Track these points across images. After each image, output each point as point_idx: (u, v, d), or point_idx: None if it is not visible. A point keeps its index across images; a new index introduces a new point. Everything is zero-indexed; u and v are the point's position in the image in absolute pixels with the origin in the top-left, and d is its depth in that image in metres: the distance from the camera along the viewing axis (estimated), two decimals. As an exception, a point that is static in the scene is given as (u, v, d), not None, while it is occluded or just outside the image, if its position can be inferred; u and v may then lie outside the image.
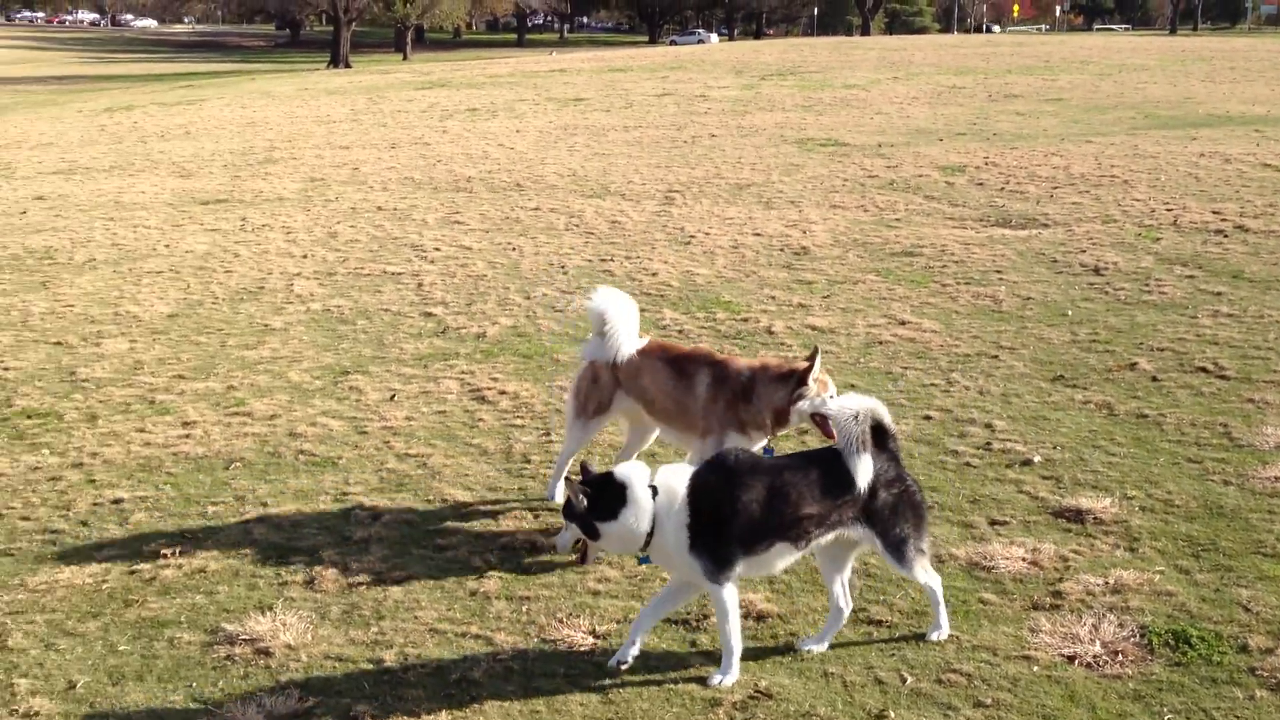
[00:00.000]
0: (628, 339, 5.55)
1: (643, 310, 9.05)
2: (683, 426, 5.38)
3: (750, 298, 9.50)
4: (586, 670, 4.24)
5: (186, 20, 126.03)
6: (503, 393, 7.31)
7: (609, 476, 4.19)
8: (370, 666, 4.31)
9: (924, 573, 4.35)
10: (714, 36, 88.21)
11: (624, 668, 4.23)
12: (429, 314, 9.21)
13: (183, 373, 7.93)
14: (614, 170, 16.33)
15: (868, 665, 4.24)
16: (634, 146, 18.82)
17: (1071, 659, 4.25)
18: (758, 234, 11.91)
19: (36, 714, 4.05)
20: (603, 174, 16.00)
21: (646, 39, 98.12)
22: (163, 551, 5.24)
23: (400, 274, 10.54)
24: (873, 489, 4.18)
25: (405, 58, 68.90)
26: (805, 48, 48.91)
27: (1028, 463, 6.04)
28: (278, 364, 8.06)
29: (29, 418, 7.10)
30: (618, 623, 4.56)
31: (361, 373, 7.81)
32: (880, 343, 8.18)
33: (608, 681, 4.16)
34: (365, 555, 5.18)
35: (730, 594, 4.16)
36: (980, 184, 14.34)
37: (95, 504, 5.79)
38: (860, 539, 4.28)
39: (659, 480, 4.20)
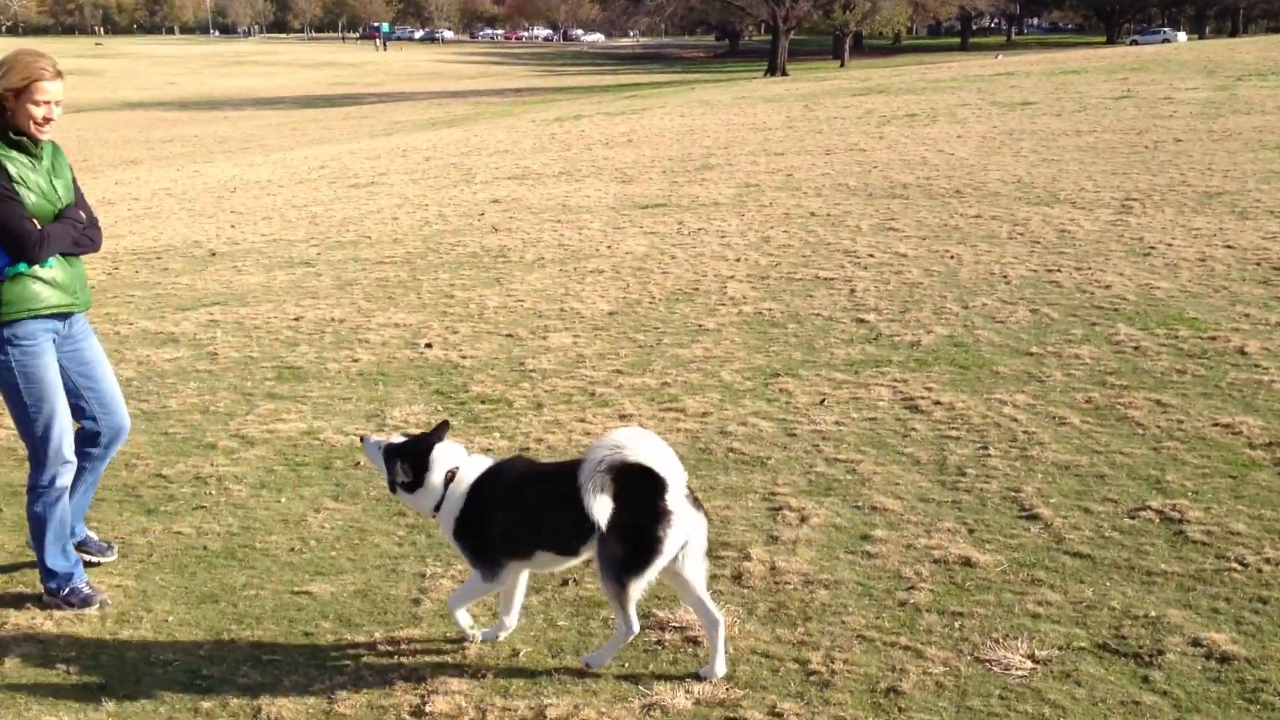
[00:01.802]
0: None
1: (1093, 324, 8.62)
2: None
3: (1219, 315, 8.73)
4: (1024, 695, 3.99)
5: (632, 34, 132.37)
6: (937, 403, 7.09)
7: (428, 453, 4.40)
8: (796, 666, 4.26)
9: (618, 600, 4.15)
10: (1181, 35, 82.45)
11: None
12: (861, 320, 9.09)
13: (621, 368, 8.22)
14: (1064, 177, 15.55)
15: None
16: (1086, 152, 17.86)
17: None
18: (1229, 246, 10.95)
19: (483, 676, 4.29)
20: (1051, 180, 15.27)
21: (1103, 39, 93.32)
22: (599, 536, 5.42)
23: (832, 279, 10.48)
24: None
25: (843, 64, 69.11)
26: (1286, 45, 44.79)
27: None
28: (710, 363, 8.20)
29: (483, 403, 7.58)
30: (1059, 649, 4.27)
31: (791, 376, 7.81)
32: (1379, 369, 7.29)
33: (1047, 710, 3.90)
34: (793, 556, 5.14)
35: (487, 587, 4.42)
36: None
37: (540, 486, 6.07)
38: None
39: (463, 467, 4.42)
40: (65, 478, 5.03)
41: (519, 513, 4.32)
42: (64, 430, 5.00)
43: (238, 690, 4.27)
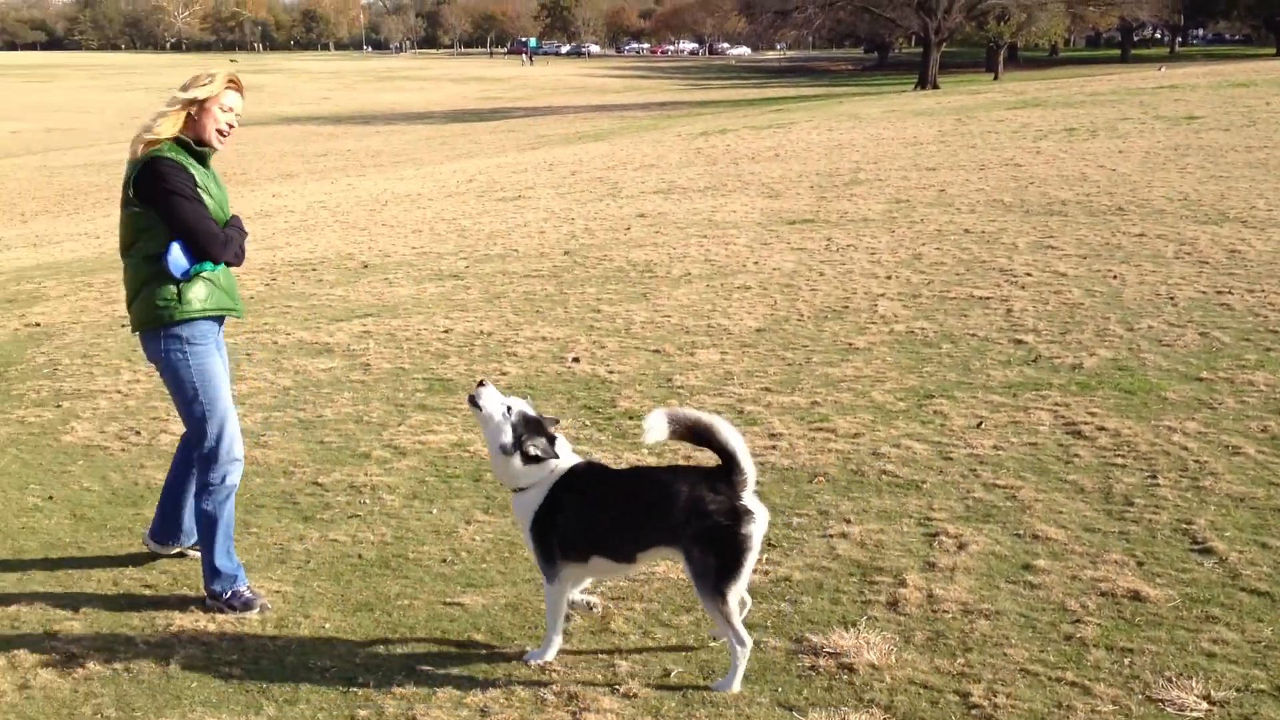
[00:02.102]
0: None
1: (1268, 349, 8.25)
2: None
3: (1402, 341, 8.27)
4: (1202, 741, 3.81)
5: (778, 47, 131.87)
6: (1101, 429, 6.83)
7: (554, 439, 4.51)
8: (956, 698, 4.12)
9: (721, 614, 4.19)
10: (1363, 45, 78.71)
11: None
12: (1019, 341, 8.84)
13: (769, 385, 8.12)
14: (1233, 194, 14.95)
15: None
16: (1258, 169, 17.16)
17: None
18: None
19: (634, 695, 4.25)
20: (1219, 198, 14.70)
21: (1273, 50, 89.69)
22: (751, 557, 5.34)
23: (988, 298, 10.22)
24: (685, 514, 4.16)
25: (996, 77, 67.69)
26: None
27: None
28: (861, 383, 8.06)
29: (630, 418, 7.55)
30: (1237, 691, 4.05)
31: (946, 397, 7.62)
32: None
33: (1227, 759, 3.71)
34: (951, 584, 5.00)
35: (555, 590, 4.48)
36: None
37: (689, 504, 6.01)
38: (677, 561, 4.38)
39: (566, 464, 4.52)
40: (235, 476, 5.20)
41: (582, 515, 4.41)
42: (235, 428, 5.21)
43: (393, 699, 4.31)
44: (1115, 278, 10.72)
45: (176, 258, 4.94)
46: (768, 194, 18.28)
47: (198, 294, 5.05)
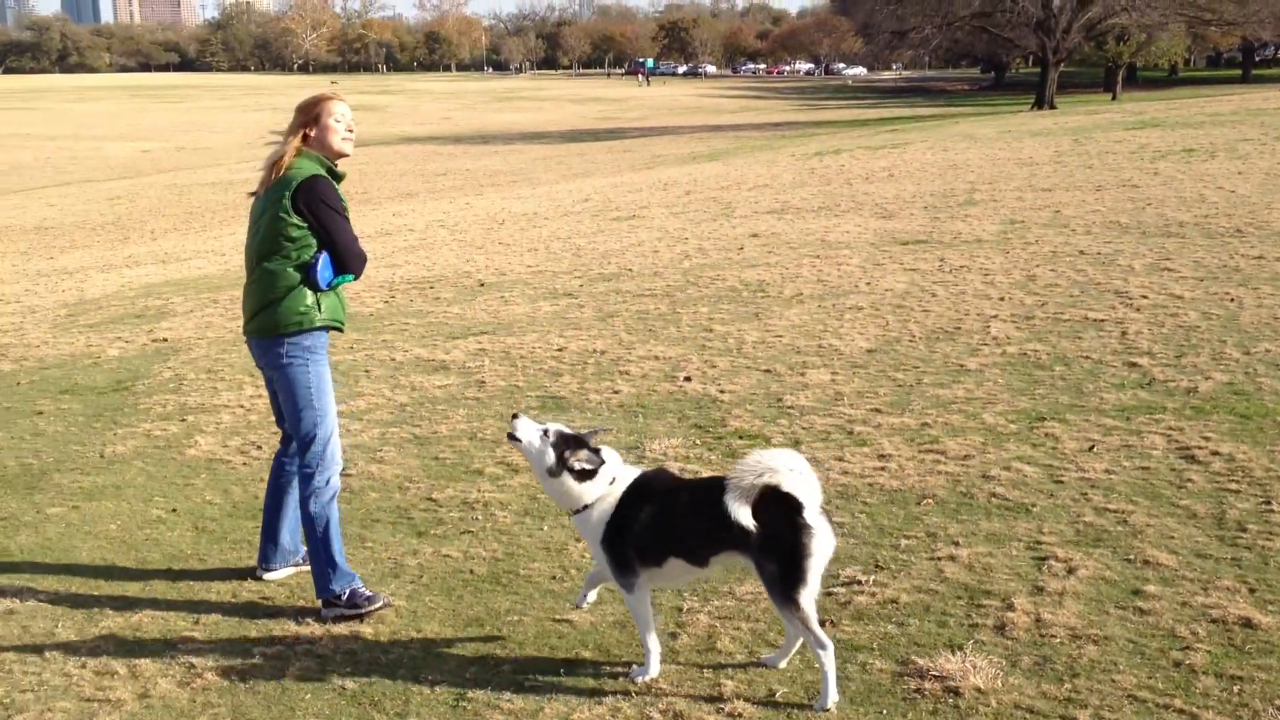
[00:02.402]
0: None
1: (1394, 374, 8.01)
2: None
3: None
4: (1313, 775, 3.75)
5: (894, 67, 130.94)
6: (1216, 453, 6.72)
7: (598, 451, 4.61)
8: (1061, 725, 4.13)
9: (797, 619, 4.25)
10: None
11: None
12: (1133, 364, 8.71)
13: (879, 407, 8.12)
14: (1358, 216, 14.55)
15: None
16: (1382, 190, 16.67)
17: None
18: None
19: (739, 715, 4.32)
20: (1343, 221, 14.32)
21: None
22: (858, 578, 5.38)
23: (1102, 321, 10.08)
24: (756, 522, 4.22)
25: (1114, 97, 66.43)
26: None
27: None
28: (972, 405, 8.01)
29: (740, 438, 7.61)
30: (1354, 726, 3.99)
31: (1058, 420, 7.55)
32: None
33: (1340, 792, 3.65)
34: (1059, 608, 4.97)
35: (636, 599, 4.59)
36: None
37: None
38: (746, 567, 4.45)
39: (620, 475, 4.62)
40: (337, 478, 5.49)
41: (657, 520, 4.49)
42: (337, 434, 5.49)
43: (501, 713, 4.42)
44: (1233, 300, 10.50)
45: (325, 269, 5.24)
46: (881, 214, 18.19)
47: (327, 305, 5.34)
